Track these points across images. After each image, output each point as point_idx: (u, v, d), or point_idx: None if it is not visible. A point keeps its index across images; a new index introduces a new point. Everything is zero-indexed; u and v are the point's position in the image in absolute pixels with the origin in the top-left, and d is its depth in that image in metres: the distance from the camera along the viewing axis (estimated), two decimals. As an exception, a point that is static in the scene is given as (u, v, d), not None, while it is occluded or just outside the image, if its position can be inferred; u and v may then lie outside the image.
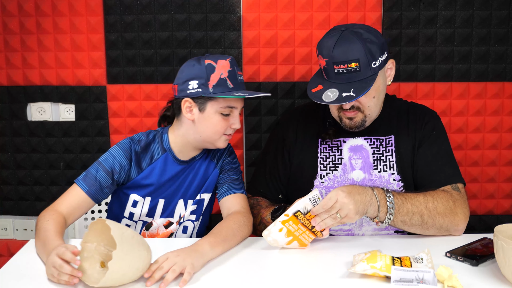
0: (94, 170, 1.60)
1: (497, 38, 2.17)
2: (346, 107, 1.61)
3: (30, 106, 2.26)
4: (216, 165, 1.75)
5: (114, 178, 1.61)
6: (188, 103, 1.61)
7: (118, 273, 1.23)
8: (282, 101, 2.23)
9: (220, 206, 1.71)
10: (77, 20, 2.17)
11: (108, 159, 1.62)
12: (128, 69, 2.21)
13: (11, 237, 2.35)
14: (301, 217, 1.44)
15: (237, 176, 1.75)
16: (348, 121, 1.65)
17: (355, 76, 1.55)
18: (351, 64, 1.54)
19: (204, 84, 1.58)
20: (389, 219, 1.50)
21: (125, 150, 1.63)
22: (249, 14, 2.16)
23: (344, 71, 1.55)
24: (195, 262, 1.35)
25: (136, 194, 1.67)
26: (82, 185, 1.58)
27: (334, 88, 1.56)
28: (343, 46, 1.54)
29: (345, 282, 1.30)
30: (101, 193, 1.60)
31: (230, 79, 1.59)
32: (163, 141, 1.68)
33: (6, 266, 1.42)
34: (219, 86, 1.58)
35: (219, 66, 1.59)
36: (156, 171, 1.67)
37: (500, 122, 2.23)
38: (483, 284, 1.29)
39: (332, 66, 1.56)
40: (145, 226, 1.71)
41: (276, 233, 1.45)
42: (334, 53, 1.54)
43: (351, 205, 1.43)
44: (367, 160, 1.70)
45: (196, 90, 1.59)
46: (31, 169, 2.29)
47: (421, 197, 1.55)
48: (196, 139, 1.65)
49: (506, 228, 1.33)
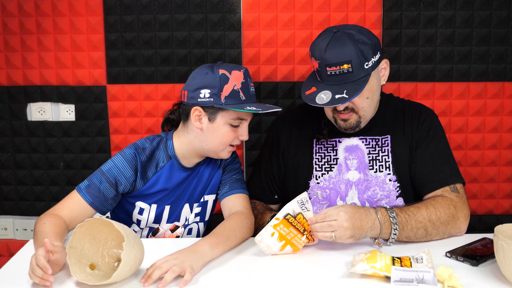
0: (98, 181, 1.56)
1: (497, 38, 2.17)
2: (340, 109, 1.60)
3: (30, 106, 2.26)
4: (219, 166, 1.74)
5: (118, 190, 1.58)
6: (198, 112, 1.58)
7: (128, 264, 1.25)
8: (282, 101, 2.23)
9: (222, 206, 1.70)
10: (77, 20, 2.17)
11: (112, 170, 1.57)
12: (128, 69, 2.21)
13: (11, 237, 2.35)
14: (292, 220, 1.44)
15: (239, 176, 1.75)
16: (342, 123, 1.65)
17: (348, 77, 1.55)
18: (343, 66, 1.54)
19: (217, 94, 1.55)
20: (393, 238, 1.50)
21: (129, 161, 1.58)
22: (249, 14, 2.16)
23: (337, 72, 1.54)
24: (194, 264, 1.34)
25: (142, 202, 1.65)
26: (86, 196, 1.54)
27: (328, 90, 1.55)
28: (334, 48, 1.54)
29: (345, 282, 1.30)
30: (106, 204, 1.57)
31: (243, 91, 1.57)
32: (167, 148, 1.65)
33: (6, 266, 1.42)
34: (232, 97, 1.55)
35: (233, 77, 1.57)
36: (162, 179, 1.64)
37: (500, 122, 2.22)
38: (483, 284, 1.29)
39: (324, 68, 1.55)
40: (151, 232, 1.70)
41: (268, 238, 1.44)
42: (326, 55, 1.54)
43: (349, 230, 1.42)
44: (363, 160, 1.69)
45: (208, 100, 1.56)
46: (31, 169, 2.29)
47: (424, 211, 1.53)
48: (202, 148, 1.63)
49: (506, 228, 1.33)
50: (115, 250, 1.39)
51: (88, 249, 1.35)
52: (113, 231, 1.35)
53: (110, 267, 1.37)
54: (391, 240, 1.50)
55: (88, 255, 1.35)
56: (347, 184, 1.69)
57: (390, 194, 1.67)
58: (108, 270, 1.36)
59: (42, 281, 1.25)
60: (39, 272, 1.24)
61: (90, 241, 1.36)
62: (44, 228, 1.41)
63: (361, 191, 1.68)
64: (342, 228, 1.41)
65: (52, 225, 1.43)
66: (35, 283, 1.27)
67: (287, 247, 1.46)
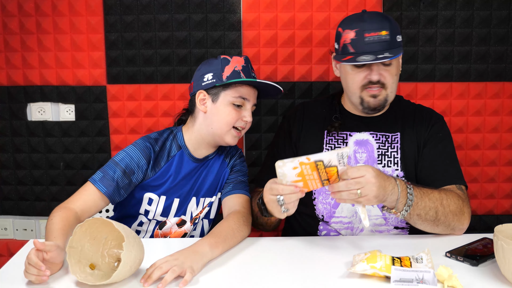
0: (112, 171, 1.60)
1: (497, 38, 2.17)
2: (375, 79, 1.63)
3: (30, 106, 2.26)
4: (228, 164, 1.77)
5: (131, 179, 1.62)
6: (202, 95, 1.65)
7: (128, 264, 1.25)
8: (282, 101, 2.23)
9: (222, 204, 1.72)
10: (77, 20, 2.17)
11: (125, 159, 1.62)
12: (128, 69, 2.21)
13: (11, 237, 2.35)
14: (321, 167, 1.35)
15: (244, 179, 1.77)
16: (372, 100, 1.66)
17: (385, 45, 1.59)
18: (382, 32, 1.59)
19: (218, 75, 1.63)
20: (406, 211, 1.48)
21: (142, 150, 1.64)
22: (249, 14, 2.16)
23: (375, 39, 1.58)
24: (194, 264, 1.34)
25: (151, 193, 1.68)
26: (100, 186, 1.57)
27: (368, 54, 1.58)
28: (373, 17, 1.61)
29: (345, 282, 1.30)
30: (118, 194, 1.60)
31: (244, 72, 1.64)
32: (177, 138, 1.71)
33: (6, 266, 1.42)
34: (233, 77, 1.62)
35: (234, 60, 1.65)
36: (173, 168, 1.68)
37: (500, 122, 2.23)
38: (483, 284, 1.29)
39: (362, 35, 1.59)
40: (158, 225, 1.71)
41: (289, 169, 1.36)
42: (365, 22, 1.60)
43: (375, 187, 1.38)
44: (372, 154, 1.71)
45: (211, 81, 1.64)
46: (31, 169, 2.29)
47: (436, 194, 1.55)
48: (208, 132, 1.67)
49: (506, 228, 1.33)
50: (115, 250, 1.39)
51: (88, 249, 1.35)
52: (113, 231, 1.35)
53: (110, 267, 1.37)
54: (403, 213, 1.48)
55: (88, 255, 1.35)
56: None
57: None
58: (108, 270, 1.36)
59: (38, 278, 1.26)
60: (33, 270, 1.26)
61: (90, 241, 1.36)
62: (52, 225, 1.43)
63: None
64: (370, 184, 1.37)
65: (59, 221, 1.44)
66: (31, 281, 1.28)
67: (300, 183, 1.39)
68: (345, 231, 1.71)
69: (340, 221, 1.70)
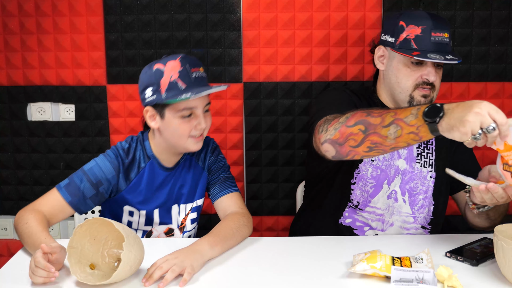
0: (78, 180, 1.56)
1: (497, 38, 2.17)
2: (432, 79, 1.62)
3: (30, 106, 2.26)
4: (203, 167, 1.72)
5: (99, 190, 1.57)
6: (150, 112, 1.56)
7: (128, 264, 1.25)
8: (282, 101, 2.23)
9: (215, 207, 1.69)
10: (77, 20, 2.17)
11: (93, 170, 1.57)
12: (128, 69, 2.21)
13: (11, 237, 2.35)
14: None
15: (227, 174, 1.72)
16: (423, 100, 1.64)
17: (446, 47, 1.59)
18: (445, 34, 1.60)
19: (157, 90, 1.52)
20: None
21: (111, 161, 1.58)
22: (249, 14, 2.16)
23: (439, 40, 1.59)
24: (194, 263, 1.34)
25: (129, 206, 1.64)
26: (64, 194, 1.54)
27: (435, 53, 1.58)
28: (437, 17, 1.60)
29: (345, 282, 1.30)
30: (84, 204, 1.56)
31: (182, 79, 1.51)
32: (145, 148, 1.64)
33: (6, 266, 1.42)
34: (170, 90, 1.51)
35: (168, 69, 1.51)
36: (144, 179, 1.63)
37: (500, 122, 2.22)
38: (483, 284, 1.29)
39: (429, 33, 1.58)
40: (145, 235, 1.70)
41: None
42: (434, 20, 1.59)
43: None
44: (411, 152, 1.71)
45: (152, 98, 1.53)
46: (31, 169, 2.29)
47: None
48: (170, 144, 1.61)
49: (506, 228, 1.33)
50: (115, 250, 1.39)
51: (88, 249, 1.35)
52: (113, 231, 1.35)
53: (110, 267, 1.37)
54: None
55: (88, 255, 1.35)
56: (396, 170, 1.69)
57: (428, 190, 1.69)
58: (108, 270, 1.36)
59: (46, 280, 1.26)
60: (42, 273, 1.25)
61: (90, 241, 1.36)
62: (31, 228, 1.42)
63: (404, 181, 1.68)
64: None
65: (38, 223, 1.43)
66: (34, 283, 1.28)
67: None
68: (376, 223, 1.69)
69: (374, 211, 1.68)
